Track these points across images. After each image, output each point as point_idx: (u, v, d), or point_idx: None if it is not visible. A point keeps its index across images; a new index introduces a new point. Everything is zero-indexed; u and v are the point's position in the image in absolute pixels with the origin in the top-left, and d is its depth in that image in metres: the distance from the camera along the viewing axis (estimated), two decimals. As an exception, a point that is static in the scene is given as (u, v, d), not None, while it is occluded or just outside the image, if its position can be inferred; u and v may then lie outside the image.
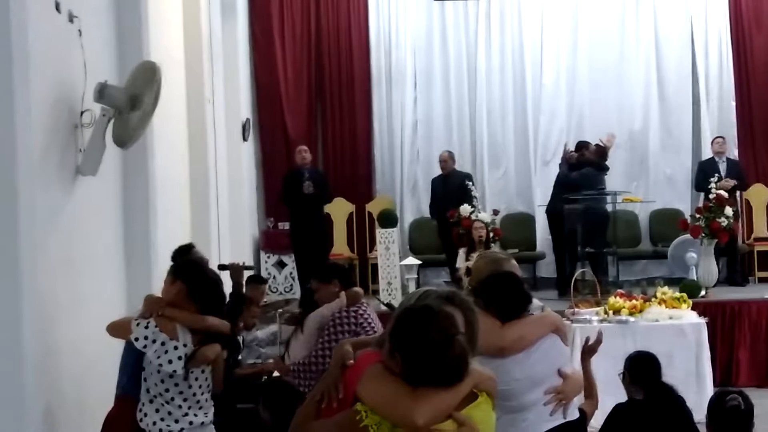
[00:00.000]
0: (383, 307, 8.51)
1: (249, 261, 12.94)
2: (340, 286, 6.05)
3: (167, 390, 4.90)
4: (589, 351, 5.00)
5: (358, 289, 6.14)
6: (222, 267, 7.41)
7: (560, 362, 4.46)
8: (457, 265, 11.42)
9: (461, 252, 11.37)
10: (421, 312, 2.90)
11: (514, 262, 4.70)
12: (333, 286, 6.05)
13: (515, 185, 14.44)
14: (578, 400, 4.57)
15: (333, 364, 3.05)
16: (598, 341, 5.07)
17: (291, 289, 13.51)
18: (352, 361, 3.01)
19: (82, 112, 6.06)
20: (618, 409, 5.78)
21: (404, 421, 2.82)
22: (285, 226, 13.52)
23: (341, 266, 6.60)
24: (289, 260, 13.62)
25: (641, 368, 5.82)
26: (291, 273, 13.65)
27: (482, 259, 4.87)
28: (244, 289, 7.70)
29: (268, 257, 13.80)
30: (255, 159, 14.27)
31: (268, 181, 14.35)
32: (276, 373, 7.25)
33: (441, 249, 13.10)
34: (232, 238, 11.75)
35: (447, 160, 13.15)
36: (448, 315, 2.88)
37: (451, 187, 12.86)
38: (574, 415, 4.48)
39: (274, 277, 13.63)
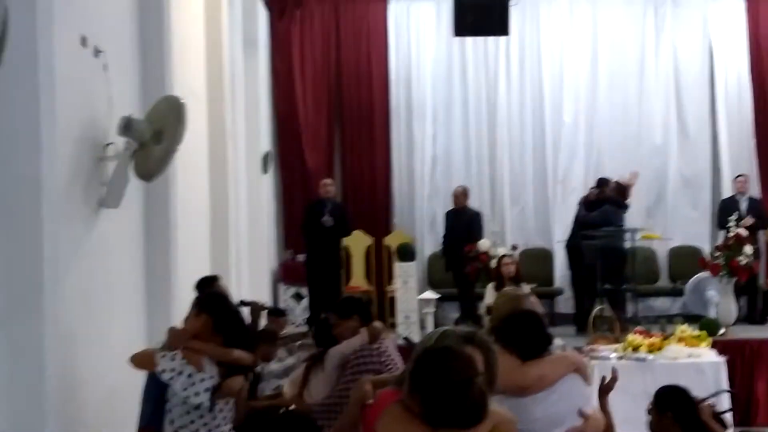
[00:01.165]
0: (400, 341, 8.50)
1: (267, 293, 13.01)
2: (360, 321, 6.00)
3: (192, 422, 4.91)
4: (605, 389, 4.94)
5: (379, 325, 6.08)
6: (244, 303, 7.40)
7: (581, 402, 4.46)
8: (486, 302, 11.36)
9: (489, 287, 11.27)
10: (441, 353, 2.91)
11: (534, 299, 4.72)
12: (353, 321, 5.97)
13: (534, 221, 14.45)
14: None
15: (352, 403, 3.06)
16: (614, 379, 5.03)
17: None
18: (371, 401, 3.02)
19: (106, 146, 6.10)
20: None
21: None
22: (303, 258, 13.64)
23: (361, 300, 6.54)
24: (307, 292, 13.64)
25: (673, 398, 5.61)
26: (309, 305, 13.66)
27: (502, 297, 4.89)
28: (258, 328, 7.72)
29: (286, 289, 13.81)
30: (274, 191, 14.32)
31: (287, 213, 14.43)
32: (293, 406, 7.25)
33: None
34: (251, 270, 11.78)
35: (459, 195, 13.18)
36: (468, 356, 2.89)
37: (461, 223, 12.90)
38: (594, 455, 4.48)
39: (292, 310, 13.63)
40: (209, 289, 6.82)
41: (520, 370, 4.34)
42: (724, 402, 9.28)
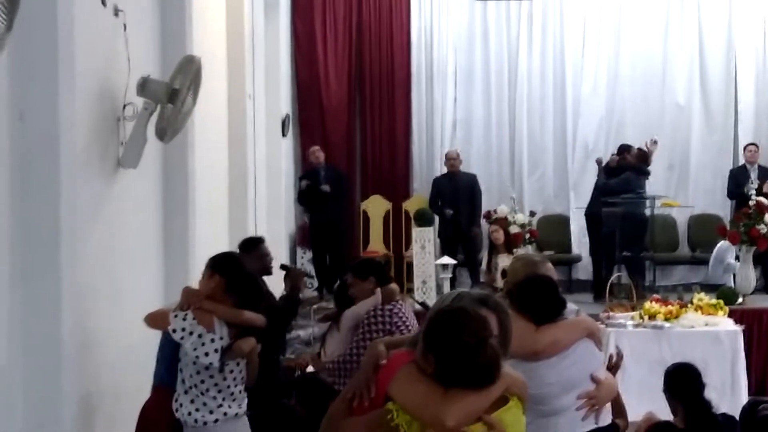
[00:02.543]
0: (417, 306, 8.52)
1: (285, 256, 13.05)
2: (376, 282, 6.02)
3: (202, 381, 4.96)
4: (614, 369, 4.91)
5: (394, 286, 6.11)
6: (284, 267, 7.42)
7: (593, 367, 4.45)
8: (482, 267, 11.44)
9: (485, 253, 11.38)
10: (455, 314, 2.91)
11: (550, 265, 4.70)
12: (369, 282, 6.02)
13: (553, 187, 14.39)
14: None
15: (366, 363, 3.07)
16: (620, 357, 4.99)
17: (325, 286, 13.57)
18: (384, 361, 3.03)
19: (124, 106, 6.11)
20: (656, 428, 5.57)
21: (434, 421, 2.84)
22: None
23: (377, 262, 6.56)
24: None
25: (679, 382, 5.61)
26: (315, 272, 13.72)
27: (519, 261, 4.88)
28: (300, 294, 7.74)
29: (304, 253, 13.84)
30: (293, 154, 14.32)
31: (306, 176, 14.41)
32: (310, 368, 7.30)
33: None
34: (269, 233, 11.78)
35: (456, 159, 13.12)
36: (482, 318, 2.90)
37: (463, 185, 12.87)
38: (606, 420, 4.47)
39: (310, 272, 13.67)
40: (254, 251, 6.87)
41: (533, 335, 4.33)
42: (741, 372, 9.33)
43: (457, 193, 12.77)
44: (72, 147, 4.86)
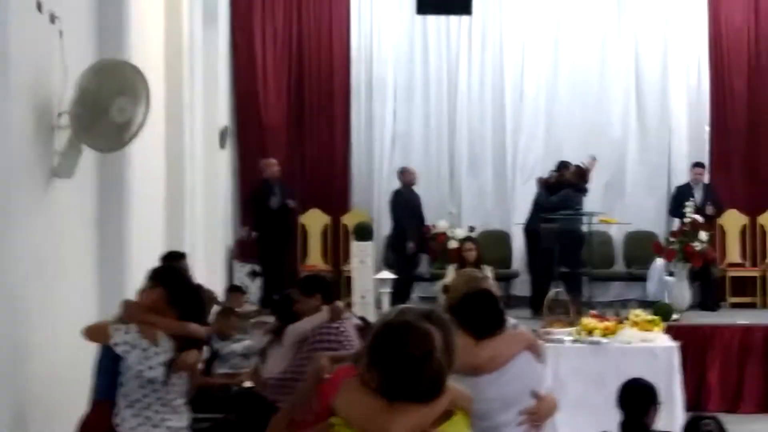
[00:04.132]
0: (356, 320, 8.46)
1: (222, 270, 12.93)
2: (322, 299, 5.98)
3: (146, 396, 4.89)
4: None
5: (341, 304, 6.08)
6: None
7: (534, 382, 4.46)
8: (446, 282, 11.38)
9: (450, 269, 11.30)
10: (400, 327, 2.88)
11: (491, 281, 4.71)
12: (315, 299, 5.97)
13: (492, 202, 14.44)
14: (551, 421, 4.57)
15: (309, 378, 3.03)
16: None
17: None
18: (328, 375, 2.99)
19: (59, 114, 5.98)
20: None
21: None
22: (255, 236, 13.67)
23: (325, 279, 6.52)
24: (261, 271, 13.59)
25: (625, 396, 5.60)
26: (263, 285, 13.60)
27: (461, 277, 4.88)
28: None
29: (242, 266, 13.71)
30: (231, 167, 14.19)
31: (244, 189, 14.30)
32: (247, 384, 7.21)
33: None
34: (206, 246, 11.68)
35: (414, 174, 13.16)
36: (427, 331, 2.87)
37: (416, 203, 12.95)
38: (547, 436, 4.48)
39: (247, 287, 13.53)
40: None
41: (473, 349, 4.34)
42: (677, 388, 9.41)
43: (415, 209, 12.81)
44: (8, 155, 4.73)
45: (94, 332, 5.08)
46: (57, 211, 6.08)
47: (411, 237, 12.64)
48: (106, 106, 5.82)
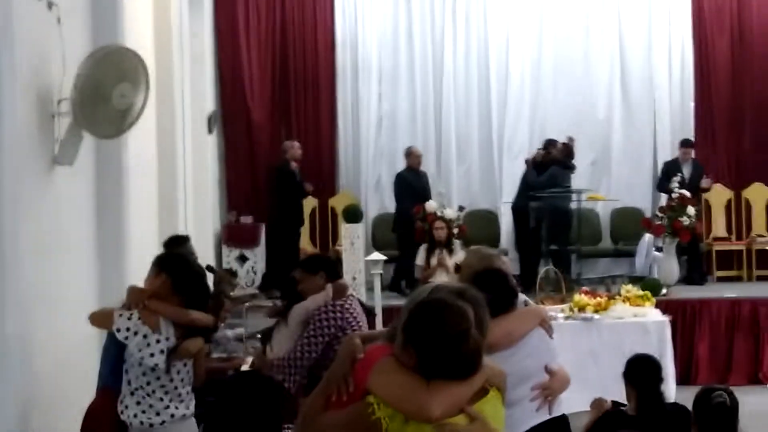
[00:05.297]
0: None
1: (211, 255, 12.92)
2: (326, 278, 5.96)
3: (148, 383, 4.86)
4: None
5: (345, 282, 6.06)
6: (210, 269, 7.32)
7: (547, 357, 4.50)
8: (417, 262, 11.46)
9: (421, 249, 11.40)
10: (436, 306, 2.91)
11: (504, 258, 4.75)
12: (319, 277, 5.94)
13: (479, 182, 14.51)
14: (564, 396, 4.61)
15: (342, 357, 3.04)
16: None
17: (253, 283, 13.47)
18: (362, 355, 3.01)
19: (59, 101, 5.97)
20: (607, 416, 5.60)
21: (419, 412, 2.83)
22: (248, 220, 13.64)
23: (328, 258, 6.50)
24: (251, 254, 13.61)
25: (639, 371, 5.56)
26: (253, 267, 13.63)
27: (473, 255, 4.91)
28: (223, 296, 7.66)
29: (230, 251, 13.72)
30: (218, 152, 14.17)
31: (230, 174, 14.30)
32: (244, 367, 7.21)
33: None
34: (196, 231, 11.66)
35: (419, 156, 13.21)
36: (462, 309, 2.90)
37: (420, 183, 12.94)
38: (559, 411, 4.53)
39: (236, 272, 13.54)
40: (179, 250, 6.77)
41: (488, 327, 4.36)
42: (669, 362, 9.51)
43: (419, 189, 12.80)
44: (13, 143, 4.73)
45: (99, 318, 5.07)
46: (59, 199, 6.07)
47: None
48: (108, 93, 5.81)
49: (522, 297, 4.83)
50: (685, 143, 13.60)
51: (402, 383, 2.88)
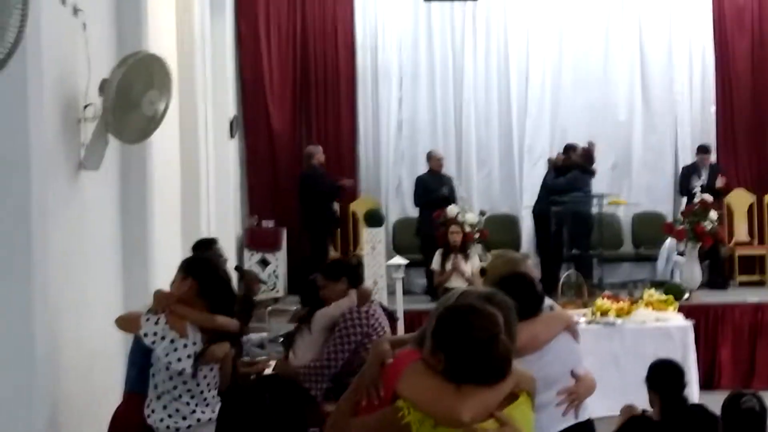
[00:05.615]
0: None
1: (233, 259, 12.93)
2: (348, 284, 5.95)
3: (175, 387, 4.88)
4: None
5: (368, 288, 6.05)
6: (238, 269, 7.34)
7: (573, 362, 4.50)
8: (432, 267, 11.47)
9: (437, 254, 11.41)
10: (465, 311, 2.92)
11: (530, 262, 4.74)
12: (341, 284, 5.93)
13: (499, 186, 14.49)
14: (590, 401, 4.60)
15: (371, 362, 3.05)
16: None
17: (274, 287, 13.51)
18: (391, 360, 3.02)
19: (85, 106, 6.01)
20: (631, 421, 5.59)
21: (450, 417, 2.84)
22: (269, 224, 13.68)
23: (350, 263, 6.49)
24: (273, 258, 13.64)
25: (661, 376, 5.61)
26: (274, 271, 13.65)
27: (498, 259, 4.90)
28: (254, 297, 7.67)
29: (252, 255, 13.75)
30: (240, 157, 14.22)
31: (251, 178, 14.35)
32: (267, 371, 7.23)
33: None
34: (218, 235, 11.66)
35: (440, 159, 13.19)
36: (491, 314, 2.91)
37: (444, 186, 12.93)
38: (585, 416, 4.53)
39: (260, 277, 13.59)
40: (206, 252, 6.79)
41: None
42: (692, 366, 9.48)
43: (444, 193, 12.80)
44: (42, 148, 4.77)
45: (126, 322, 5.10)
46: (85, 204, 6.11)
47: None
48: (139, 99, 5.84)
49: (548, 301, 4.83)
50: (701, 149, 13.55)
51: (432, 387, 2.88)
